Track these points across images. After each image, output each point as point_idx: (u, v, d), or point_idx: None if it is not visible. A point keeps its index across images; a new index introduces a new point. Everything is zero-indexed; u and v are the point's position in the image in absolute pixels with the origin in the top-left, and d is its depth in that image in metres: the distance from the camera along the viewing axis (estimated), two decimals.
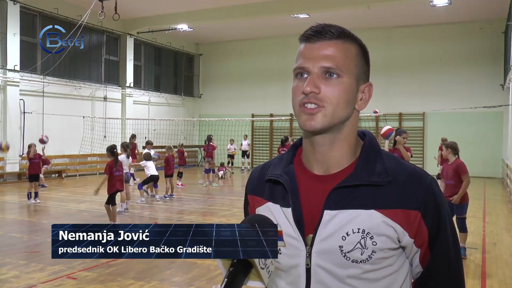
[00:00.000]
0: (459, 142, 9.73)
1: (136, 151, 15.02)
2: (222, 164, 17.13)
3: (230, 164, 19.21)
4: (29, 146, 11.25)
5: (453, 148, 6.48)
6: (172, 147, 12.75)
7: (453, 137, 15.40)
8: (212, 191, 13.57)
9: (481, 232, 8.15)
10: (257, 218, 1.07)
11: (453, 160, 6.46)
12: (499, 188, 15.02)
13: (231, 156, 19.36)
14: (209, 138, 14.99)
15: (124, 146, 10.58)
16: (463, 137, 16.64)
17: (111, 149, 8.69)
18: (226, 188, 14.80)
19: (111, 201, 8.33)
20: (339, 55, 1.11)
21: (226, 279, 0.98)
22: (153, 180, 11.44)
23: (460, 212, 6.31)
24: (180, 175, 14.34)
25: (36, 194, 10.99)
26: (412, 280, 1.19)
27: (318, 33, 1.13)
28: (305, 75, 1.12)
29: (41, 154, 12.12)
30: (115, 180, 8.38)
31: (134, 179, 13.57)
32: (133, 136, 15.54)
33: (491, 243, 7.35)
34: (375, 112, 15.38)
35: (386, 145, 7.12)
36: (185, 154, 14.28)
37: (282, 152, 12.47)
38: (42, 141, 13.23)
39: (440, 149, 13.13)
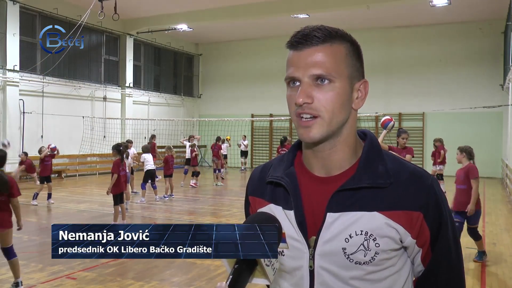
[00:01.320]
0: (458, 142, 9.74)
1: (155, 152, 14.85)
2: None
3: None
4: (40, 150, 11.21)
5: (468, 153, 6.11)
6: (172, 147, 12.73)
7: (452, 137, 15.44)
8: (212, 191, 13.57)
9: (481, 232, 8.14)
10: (261, 216, 1.07)
11: (466, 164, 6.12)
12: (499, 188, 15.02)
13: (225, 156, 19.35)
14: (218, 139, 15.32)
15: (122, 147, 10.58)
16: (463, 137, 16.63)
17: (117, 147, 8.64)
18: (225, 188, 14.79)
19: (118, 201, 8.33)
20: (328, 59, 1.09)
21: (231, 276, 0.98)
22: (149, 175, 11.40)
23: (473, 222, 6.03)
24: (196, 174, 14.31)
25: (36, 195, 10.88)
26: (414, 279, 1.19)
27: (304, 40, 1.10)
28: (297, 83, 1.11)
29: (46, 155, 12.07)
30: (121, 180, 8.36)
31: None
32: (153, 136, 15.58)
33: (491, 243, 7.36)
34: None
35: (382, 135, 7.10)
36: (193, 154, 14.12)
37: (282, 152, 12.53)
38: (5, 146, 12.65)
39: (439, 149, 13.06)
